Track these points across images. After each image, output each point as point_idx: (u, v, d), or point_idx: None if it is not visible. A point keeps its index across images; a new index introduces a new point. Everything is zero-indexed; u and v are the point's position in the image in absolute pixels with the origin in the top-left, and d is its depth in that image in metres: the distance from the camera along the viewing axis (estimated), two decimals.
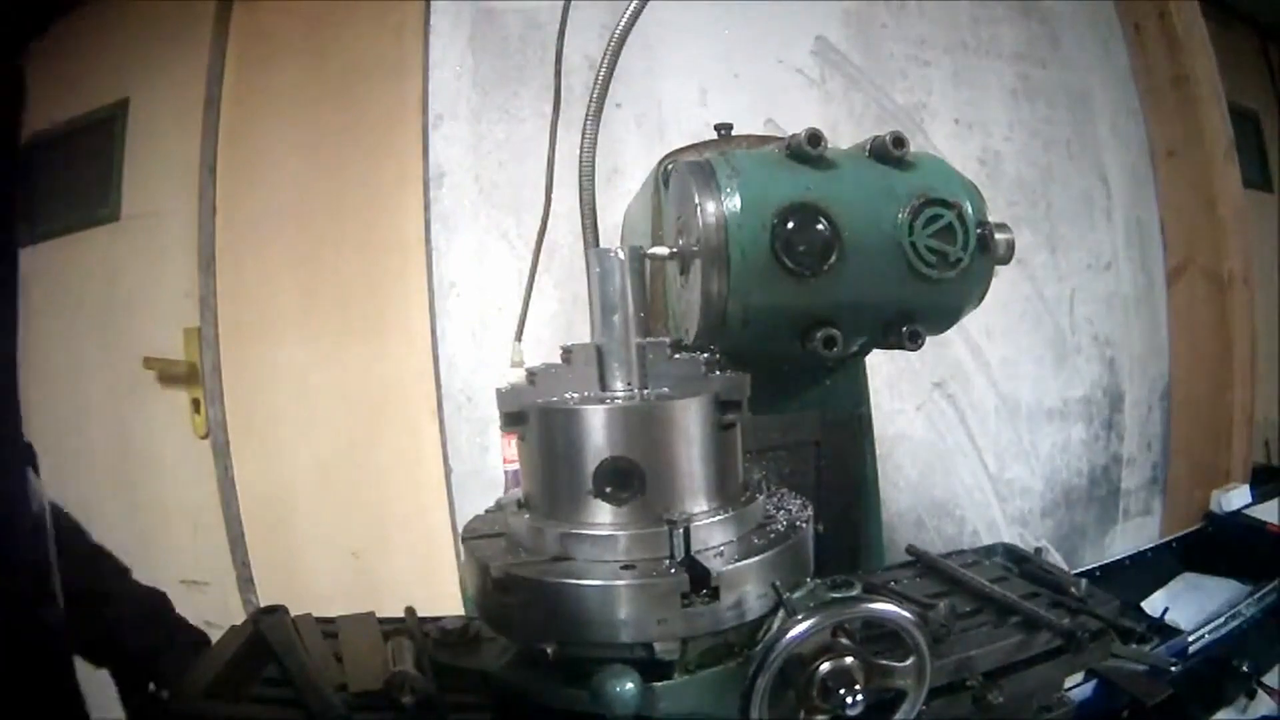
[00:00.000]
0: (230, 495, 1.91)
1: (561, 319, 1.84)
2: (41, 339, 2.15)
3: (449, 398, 1.83)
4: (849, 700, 0.58)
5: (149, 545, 2.04)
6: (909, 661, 0.62)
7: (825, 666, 0.60)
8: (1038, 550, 1.99)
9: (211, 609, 0.82)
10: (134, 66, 2.08)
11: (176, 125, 1.98)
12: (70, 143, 2.16)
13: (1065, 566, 1.86)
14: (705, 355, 0.73)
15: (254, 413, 1.91)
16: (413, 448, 1.85)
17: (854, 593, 0.64)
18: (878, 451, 1.06)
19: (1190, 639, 1.59)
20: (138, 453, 2.07)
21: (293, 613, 0.88)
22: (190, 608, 1.01)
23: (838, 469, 1.01)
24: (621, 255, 0.71)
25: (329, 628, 0.85)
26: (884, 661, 0.62)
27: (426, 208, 1.86)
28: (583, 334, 0.76)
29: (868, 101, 2.09)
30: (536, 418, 0.68)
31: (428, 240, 1.86)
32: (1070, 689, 0.88)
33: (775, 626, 0.60)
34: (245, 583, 1.89)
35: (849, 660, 0.60)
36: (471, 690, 0.70)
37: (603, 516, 0.65)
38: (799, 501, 0.76)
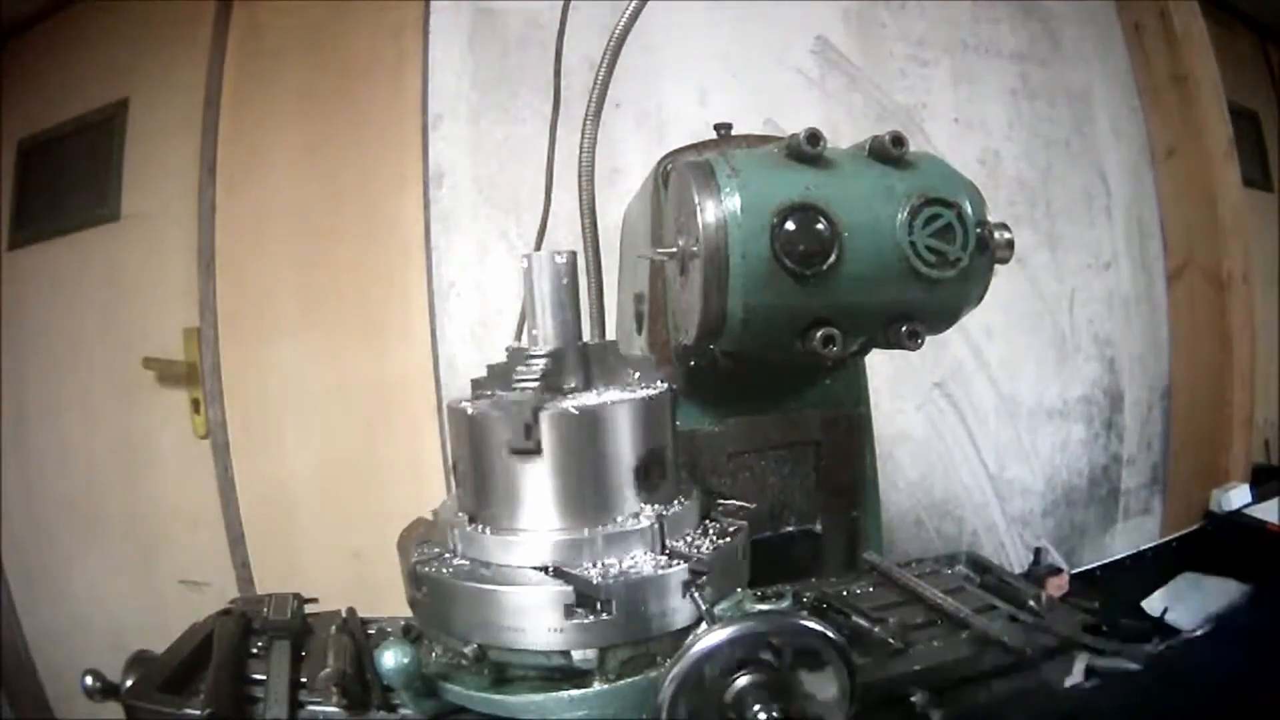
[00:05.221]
0: (230, 495, 1.91)
1: None
2: (42, 339, 2.15)
3: (449, 398, 1.83)
4: (763, 717, 0.56)
5: (149, 545, 2.05)
6: (831, 678, 0.60)
7: (742, 681, 0.57)
8: (1038, 550, 1.99)
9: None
10: (134, 66, 2.08)
11: (176, 125, 1.98)
12: (70, 143, 2.16)
13: (1065, 566, 1.86)
14: (638, 357, 0.72)
15: (254, 413, 1.91)
16: (413, 448, 1.85)
17: (783, 605, 0.61)
18: (878, 451, 1.06)
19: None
20: (138, 453, 2.07)
21: None
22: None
23: (838, 469, 1.00)
24: (560, 259, 0.71)
25: None
26: (805, 677, 0.60)
27: (426, 208, 1.87)
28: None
29: (867, 101, 2.09)
30: (465, 420, 0.68)
31: (428, 240, 1.86)
32: (1069, 689, 0.87)
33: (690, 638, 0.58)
34: (245, 583, 1.89)
35: (767, 675, 0.58)
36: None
37: (525, 521, 0.64)
38: (736, 509, 0.75)
